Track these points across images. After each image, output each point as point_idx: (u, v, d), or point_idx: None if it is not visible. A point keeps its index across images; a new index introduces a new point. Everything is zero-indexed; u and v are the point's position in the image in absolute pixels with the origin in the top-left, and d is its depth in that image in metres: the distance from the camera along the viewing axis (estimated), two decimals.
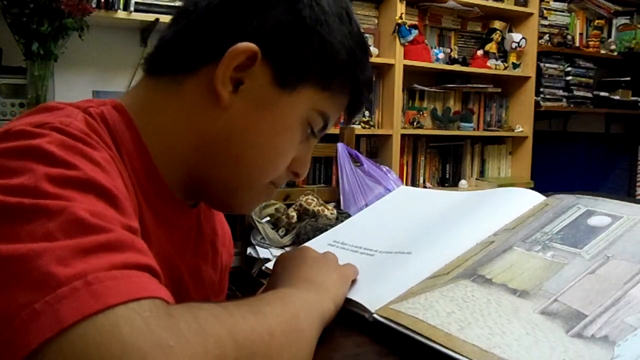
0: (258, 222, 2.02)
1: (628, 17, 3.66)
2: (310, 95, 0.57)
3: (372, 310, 0.51)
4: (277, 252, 1.95)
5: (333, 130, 2.54)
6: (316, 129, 0.59)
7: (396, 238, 0.68)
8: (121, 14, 2.14)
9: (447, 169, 3.17)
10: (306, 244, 0.80)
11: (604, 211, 0.51)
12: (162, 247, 0.57)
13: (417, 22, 2.87)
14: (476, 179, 3.24)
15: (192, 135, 0.56)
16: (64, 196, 0.38)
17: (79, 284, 0.32)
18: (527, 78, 3.18)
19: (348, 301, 0.55)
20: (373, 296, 0.54)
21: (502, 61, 3.15)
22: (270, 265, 0.75)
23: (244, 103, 0.55)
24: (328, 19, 0.55)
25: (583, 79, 3.41)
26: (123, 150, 0.53)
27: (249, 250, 2.05)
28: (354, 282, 0.59)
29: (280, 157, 0.59)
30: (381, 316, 0.50)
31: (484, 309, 0.47)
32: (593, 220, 0.50)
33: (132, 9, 2.15)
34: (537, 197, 0.64)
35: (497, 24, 3.16)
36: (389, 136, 2.79)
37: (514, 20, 3.23)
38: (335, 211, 2.07)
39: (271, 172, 0.59)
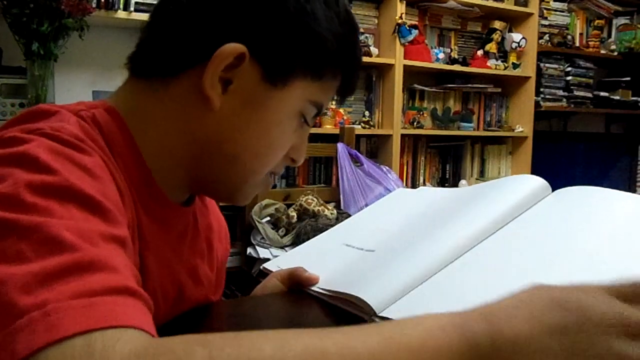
0: (258, 222, 2.01)
1: (628, 17, 3.66)
2: (303, 87, 0.56)
3: (373, 311, 0.51)
4: (277, 252, 1.95)
5: (333, 130, 2.54)
6: (309, 117, 0.59)
7: (397, 238, 0.68)
8: (121, 14, 2.14)
9: (447, 169, 3.17)
10: (308, 243, 0.80)
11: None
12: (160, 249, 0.57)
13: (417, 22, 2.87)
14: (476, 179, 3.24)
15: (185, 138, 0.56)
16: (42, 208, 0.38)
17: (37, 314, 0.32)
18: (527, 78, 3.17)
19: (346, 302, 0.55)
20: (372, 296, 0.53)
21: (502, 61, 3.14)
22: (269, 265, 0.75)
23: (234, 102, 0.54)
24: (313, 7, 0.54)
25: (583, 79, 3.40)
26: (116, 152, 0.52)
27: (249, 250, 2.05)
28: (353, 281, 0.59)
29: (276, 151, 0.58)
30: (381, 318, 0.50)
31: None
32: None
33: (132, 9, 2.15)
34: (540, 186, 0.64)
35: (497, 24, 3.16)
36: (389, 136, 2.79)
37: (514, 20, 3.22)
38: (335, 211, 2.07)
39: (268, 165, 0.59)
